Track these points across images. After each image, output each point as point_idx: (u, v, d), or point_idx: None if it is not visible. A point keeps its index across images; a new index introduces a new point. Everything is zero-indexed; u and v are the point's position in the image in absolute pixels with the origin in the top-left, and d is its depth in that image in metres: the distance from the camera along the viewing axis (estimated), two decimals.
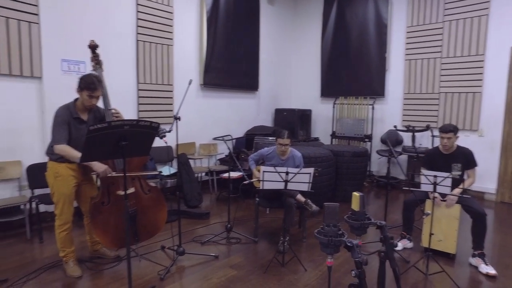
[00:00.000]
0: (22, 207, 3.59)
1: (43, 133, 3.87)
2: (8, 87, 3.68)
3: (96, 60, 2.89)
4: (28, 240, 3.52)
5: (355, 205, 1.43)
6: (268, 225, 4.14)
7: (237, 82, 6.30)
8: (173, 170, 5.00)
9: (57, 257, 2.93)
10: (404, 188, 3.23)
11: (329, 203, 1.35)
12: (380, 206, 4.89)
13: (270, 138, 5.30)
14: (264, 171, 3.03)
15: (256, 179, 3.60)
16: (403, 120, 6.16)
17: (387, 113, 6.39)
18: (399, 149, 5.98)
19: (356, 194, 1.44)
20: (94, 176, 2.99)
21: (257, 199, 3.67)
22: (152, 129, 2.41)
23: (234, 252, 3.36)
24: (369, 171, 6.30)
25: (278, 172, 2.98)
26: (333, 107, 6.73)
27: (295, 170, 3.00)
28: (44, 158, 2.81)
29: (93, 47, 2.87)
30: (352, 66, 6.69)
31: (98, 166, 2.66)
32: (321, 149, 4.82)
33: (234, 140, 6.15)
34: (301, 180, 3.02)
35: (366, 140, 6.23)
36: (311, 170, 3.01)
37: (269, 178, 3.06)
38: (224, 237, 3.67)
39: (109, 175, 2.71)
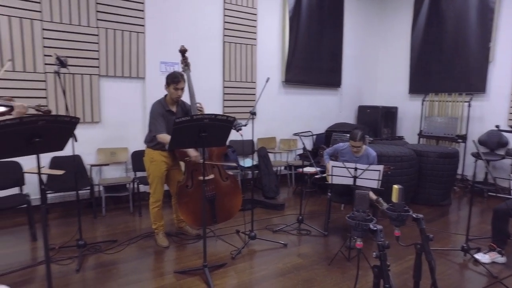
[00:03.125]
0: (127, 185, 4.33)
1: (144, 125, 4.56)
2: (121, 87, 4.46)
3: (185, 63, 3.33)
4: (131, 213, 4.24)
5: (394, 197, 1.45)
6: (341, 220, 4.15)
7: (319, 78, 6.34)
8: (254, 162, 5.33)
9: (151, 229, 3.49)
10: (490, 194, 2.94)
11: (360, 190, 1.41)
12: (473, 213, 4.44)
13: (348, 135, 5.24)
14: (333, 166, 3.09)
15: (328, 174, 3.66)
16: (510, 120, 5.41)
17: (488, 111, 5.68)
18: (502, 152, 5.29)
19: (395, 186, 1.46)
20: (182, 163, 3.45)
21: (329, 194, 3.74)
22: (228, 123, 2.70)
23: (303, 243, 3.50)
24: (462, 175, 5.72)
25: (347, 168, 3.01)
26: (422, 104, 6.26)
27: (364, 166, 2.99)
28: (144, 146, 3.37)
29: (183, 51, 3.31)
30: (445, 59, 6.11)
31: (192, 152, 3.08)
32: (402, 148, 4.59)
33: (314, 136, 6.24)
34: (371, 177, 2.99)
35: (459, 140, 5.65)
36: (380, 167, 2.97)
37: (338, 173, 3.11)
38: (295, 228, 3.83)
39: (200, 161, 3.10)
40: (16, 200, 3.47)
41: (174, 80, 3.10)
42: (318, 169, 4.19)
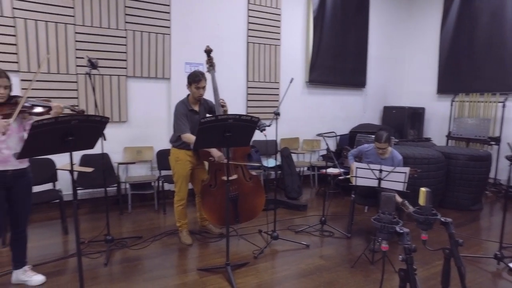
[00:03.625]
0: (152, 183, 4.44)
1: (169, 124, 4.65)
2: (147, 87, 4.58)
3: (210, 63, 3.37)
4: (155, 210, 4.36)
5: (421, 200, 1.41)
6: (364, 223, 4.08)
7: (343, 79, 6.27)
8: (277, 163, 5.32)
9: (174, 227, 3.57)
10: None
11: (385, 193, 1.38)
12: (507, 219, 4.24)
13: (373, 136, 5.14)
14: (357, 167, 3.05)
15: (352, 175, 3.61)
16: None
17: None
18: None
19: (423, 189, 1.42)
20: (206, 163, 3.51)
21: (352, 195, 3.69)
22: (252, 123, 2.72)
23: (325, 244, 3.47)
24: (495, 179, 5.48)
25: (372, 169, 2.96)
26: (451, 104, 6.05)
27: (389, 168, 2.93)
28: (169, 145, 3.44)
29: (208, 51, 3.36)
30: (477, 58, 5.86)
31: (215, 152, 3.15)
32: (429, 150, 4.45)
33: (338, 137, 6.17)
34: (396, 179, 2.93)
35: (492, 143, 5.41)
36: (406, 169, 2.89)
37: (362, 175, 3.06)
38: (318, 229, 3.80)
39: (223, 161, 3.15)
40: (49, 195, 3.64)
41: (195, 79, 3.16)
42: (342, 170, 4.14)
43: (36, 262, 2.86)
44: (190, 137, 3.12)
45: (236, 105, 5.11)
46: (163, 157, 4.41)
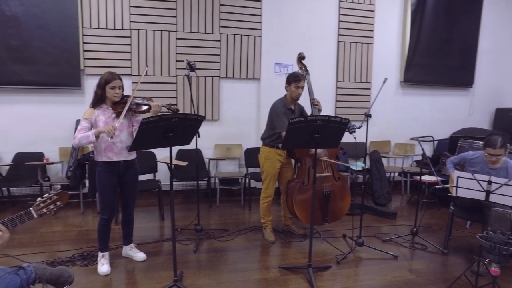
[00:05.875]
0: (240, 180, 4.64)
1: (258, 124, 4.82)
2: (239, 87, 4.82)
3: (304, 67, 3.45)
4: (241, 206, 4.55)
5: None
6: (465, 240, 3.63)
7: (445, 77, 5.66)
8: (366, 166, 5.07)
9: (259, 223, 3.67)
10: None
11: (498, 208, 1.18)
12: None
13: (480, 142, 4.52)
14: (458, 177, 2.72)
15: (452, 185, 3.23)
16: None
17: None
18: None
19: None
20: (293, 161, 3.53)
21: (451, 207, 3.31)
22: (342, 124, 2.64)
23: (416, 258, 3.19)
24: None
25: (477, 180, 2.60)
26: None
27: (502, 180, 2.53)
28: (256, 144, 3.56)
29: (300, 58, 3.42)
30: None
31: (319, 152, 3.22)
32: None
33: (435, 142, 5.61)
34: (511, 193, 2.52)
35: None
36: None
37: (465, 185, 2.72)
38: (408, 240, 3.51)
39: (322, 159, 3.27)
40: (150, 184, 4.10)
41: (295, 79, 3.22)
42: (439, 178, 3.74)
43: (139, 241, 3.24)
44: None
45: (324, 106, 4.99)
46: (251, 155, 4.58)
